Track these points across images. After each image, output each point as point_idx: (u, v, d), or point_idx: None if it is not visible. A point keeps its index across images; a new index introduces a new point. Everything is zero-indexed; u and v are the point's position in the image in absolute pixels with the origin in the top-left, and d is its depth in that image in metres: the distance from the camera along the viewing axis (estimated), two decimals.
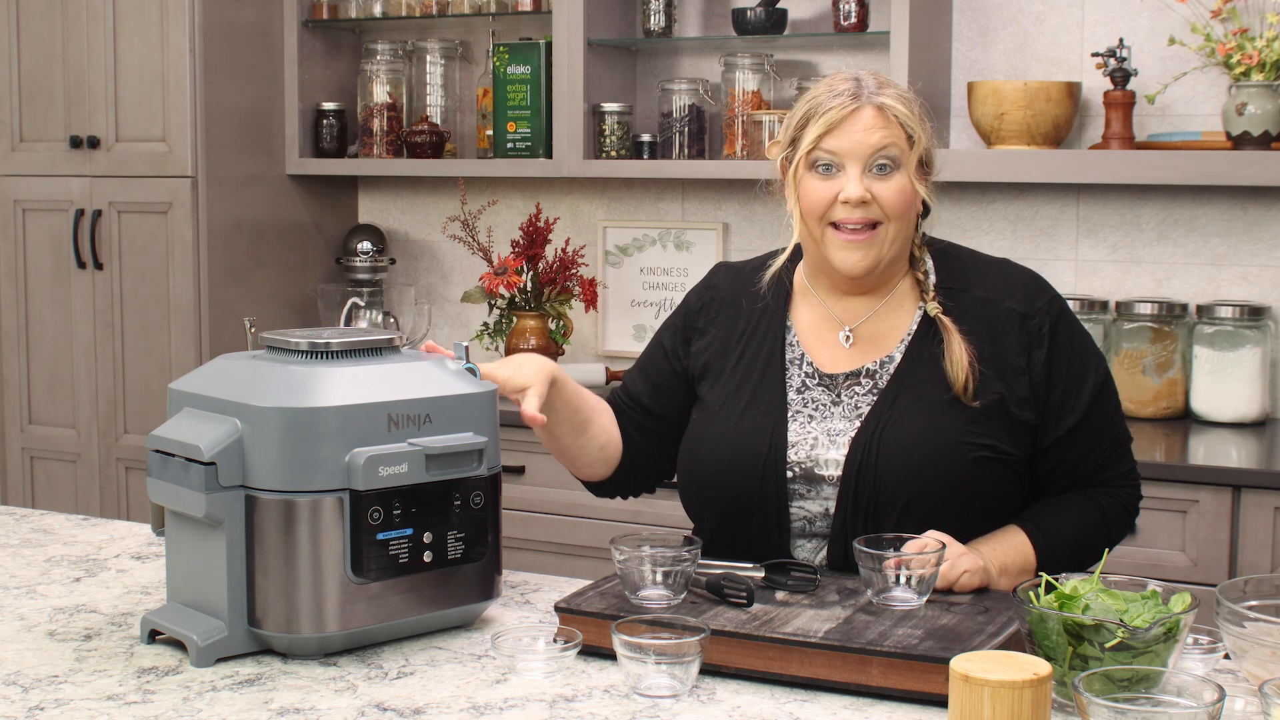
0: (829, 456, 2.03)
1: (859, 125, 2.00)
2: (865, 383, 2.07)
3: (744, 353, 2.14)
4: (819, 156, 2.02)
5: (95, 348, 4.17)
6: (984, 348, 2.03)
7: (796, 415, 2.07)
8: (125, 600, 2.05)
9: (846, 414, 2.06)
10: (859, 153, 2.00)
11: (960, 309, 2.06)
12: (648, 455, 2.21)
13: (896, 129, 2.01)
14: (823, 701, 1.66)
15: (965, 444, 2.00)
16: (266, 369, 1.82)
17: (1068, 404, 2.05)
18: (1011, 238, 3.73)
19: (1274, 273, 3.50)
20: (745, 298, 2.18)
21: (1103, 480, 2.10)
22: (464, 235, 4.05)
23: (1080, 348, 2.08)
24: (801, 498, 2.04)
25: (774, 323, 2.14)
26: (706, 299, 2.21)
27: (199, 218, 4.01)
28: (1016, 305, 2.06)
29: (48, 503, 4.26)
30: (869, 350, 2.09)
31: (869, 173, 2.01)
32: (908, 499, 1.98)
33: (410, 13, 4.22)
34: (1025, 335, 2.04)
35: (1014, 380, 2.03)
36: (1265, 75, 3.28)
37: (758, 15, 3.77)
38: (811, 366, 2.10)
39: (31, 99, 4.20)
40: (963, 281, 2.09)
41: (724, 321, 2.18)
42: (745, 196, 4.02)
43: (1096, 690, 1.43)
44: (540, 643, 1.78)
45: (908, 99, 2.04)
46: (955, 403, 2.01)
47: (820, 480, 2.03)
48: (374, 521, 1.77)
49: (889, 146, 2.00)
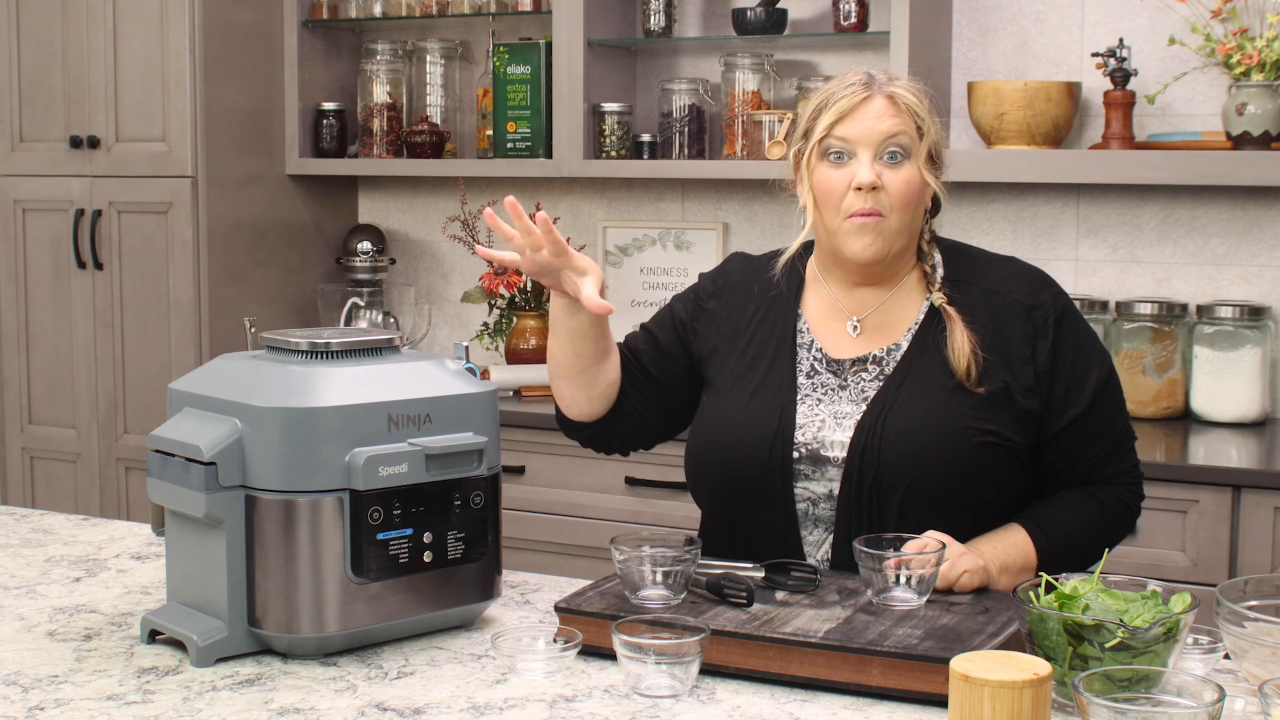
0: (834, 438, 2.05)
1: (870, 113, 2.04)
2: (872, 369, 2.09)
3: (753, 337, 2.16)
4: (831, 144, 2.05)
5: (95, 348, 4.17)
6: (989, 337, 2.05)
7: (805, 398, 2.09)
8: (125, 600, 2.05)
9: (853, 398, 2.08)
10: (870, 139, 2.03)
11: (966, 300, 2.09)
12: (636, 412, 2.20)
13: (907, 118, 2.05)
14: (823, 701, 1.66)
15: (969, 429, 2.01)
16: (266, 369, 1.82)
17: (1071, 396, 2.06)
18: (1011, 238, 3.73)
19: (1274, 273, 3.50)
20: (758, 284, 2.20)
21: (1104, 476, 2.10)
22: (464, 235, 4.05)
23: (1085, 342, 2.10)
24: (806, 478, 2.06)
25: (785, 310, 2.16)
26: (720, 283, 2.24)
27: (199, 218, 4.01)
28: (1022, 297, 2.08)
29: (48, 503, 4.26)
30: (876, 339, 2.11)
31: (880, 160, 2.04)
32: (910, 481, 2.00)
33: (410, 13, 4.22)
34: (1030, 326, 2.06)
35: (1019, 369, 2.05)
36: (1265, 75, 3.28)
37: (758, 15, 3.77)
38: (820, 352, 2.12)
39: (31, 99, 4.20)
40: (970, 275, 2.12)
41: (735, 306, 2.20)
42: (745, 196, 4.02)
43: (1096, 690, 1.43)
44: (540, 643, 1.78)
45: (918, 91, 2.09)
46: (960, 389, 2.03)
47: (825, 461, 2.05)
48: (374, 521, 1.77)
49: (900, 134, 2.04)
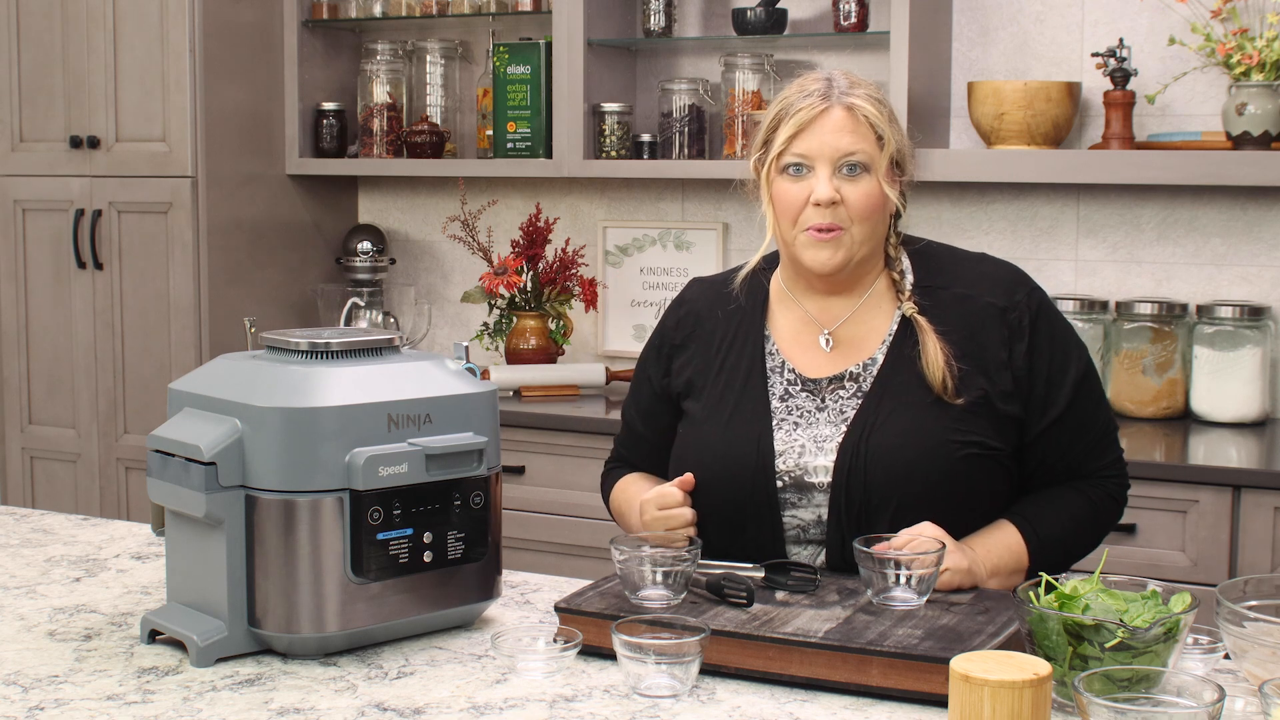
0: (817, 463, 2.03)
1: (828, 127, 2.02)
2: (849, 386, 2.07)
3: (724, 363, 2.13)
4: (789, 160, 2.04)
5: (95, 348, 4.17)
6: (964, 344, 2.03)
7: (781, 424, 2.07)
8: (125, 600, 2.05)
9: (832, 419, 2.05)
10: (828, 155, 2.02)
11: (939, 306, 2.06)
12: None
13: (866, 130, 2.03)
14: (823, 701, 1.66)
15: (953, 442, 1.99)
16: (266, 369, 1.82)
17: (1051, 396, 2.05)
18: (1011, 238, 3.73)
19: (1274, 273, 3.50)
20: (720, 309, 2.18)
21: (1089, 470, 2.10)
22: (464, 235, 4.05)
23: (1061, 339, 2.08)
24: (794, 506, 2.04)
25: (752, 332, 2.14)
26: (681, 314, 2.22)
27: (199, 218, 4.01)
28: (996, 300, 2.06)
29: (48, 503, 4.26)
30: (850, 354, 2.09)
31: (838, 174, 2.02)
32: (899, 501, 1.98)
33: (410, 13, 4.22)
34: (1005, 329, 2.04)
35: (997, 375, 2.03)
36: (1265, 75, 3.27)
37: (758, 15, 3.77)
38: (794, 373, 2.09)
39: (31, 99, 4.20)
40: (941, 279, 2.10)
41: (702, 335, 2.17)
42: (745, 196, 4.01)
43: (1096, 690, 1.43)
44: (540, 643, 1.78)
45: (877, 100, 2.06)
46: (939, 402, 2.01)
47: (810, 488, 2.03)
48: (374, 521, 1.77)
49: (857, 151, 2.02)
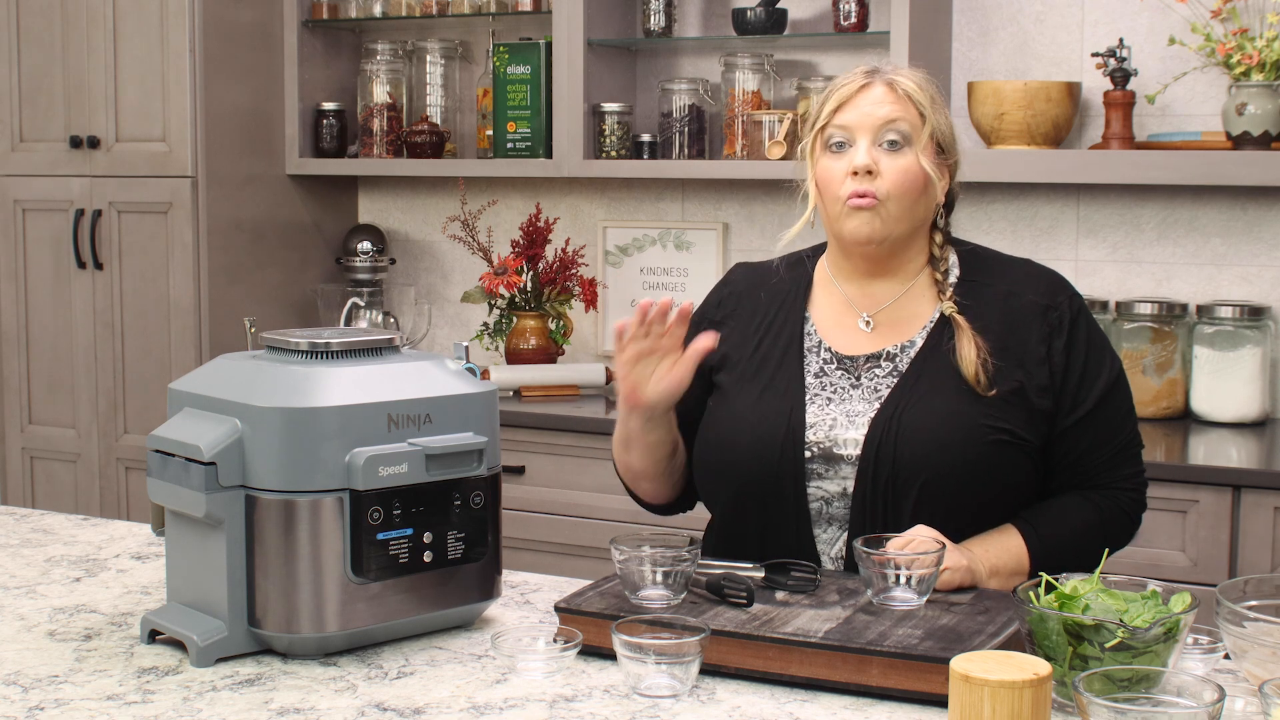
0: (848, 436, 2.04)
1: (869, 99, 2.06)
2: (885, 365, 2.09)
3: (761, 343, 2.15)
4: (832, 133, 2.07)
5: (95, 348, 4.17)
6: (1004, 338, 2.05)
7: (815, 398, 2.09)
8: (125, 600, 2.05)
9: (866, 396, 2.07)
10: (867, 125, 2.04)
11: (982, 302, 2.09)
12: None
13: (907, 105, 2.06)
14: (823, 701, 1.66)
15: (984, 426, 2.01)
16: (266, 369, 1.82)
17: (1080, 394, 2.06)
18: (1011, 238, 3.73)
19: (1274, 273, 3.50)
20: (764, 290, 2.20)
21: (1106, 481, 2.10)
22: (464, 235, 4.05)
23: (1097, 344, 2.11)
24: (820, 477, 2.05)
25: (792, 314, 2.16)
26: (725, 294, 2.25)
27: (199, 218, 4.01)
28: (1039, 298, 2.09)
29: (48, 503, 4.26)
30: (889, 335, 2.11)
31: (878, 147, 2.04)
32: (925, 478, 1.99)
33: (410, 13, 4.22)
34: (1046, 326, 2.07)
35: (1034, 369, 2.05)
36: (1265, 75, 3.28)
37: (758, 15, 3.77)
38: (830, 351, 2.12)
39: (31, 99, 4.20)
40: (986, 276, 2.12)
41: (743, 314, 2.20)
42: (745, 196, 4.02)
43: (1096, 690, 1.43)
44: (540, 643, 1.78)
45: (921, 80, 2.09)
46: (974, 391, 2.03)
47: (839, 460, 2.04)
48: (374, 521, 1.77)
49: (898, 121, 2.04)
